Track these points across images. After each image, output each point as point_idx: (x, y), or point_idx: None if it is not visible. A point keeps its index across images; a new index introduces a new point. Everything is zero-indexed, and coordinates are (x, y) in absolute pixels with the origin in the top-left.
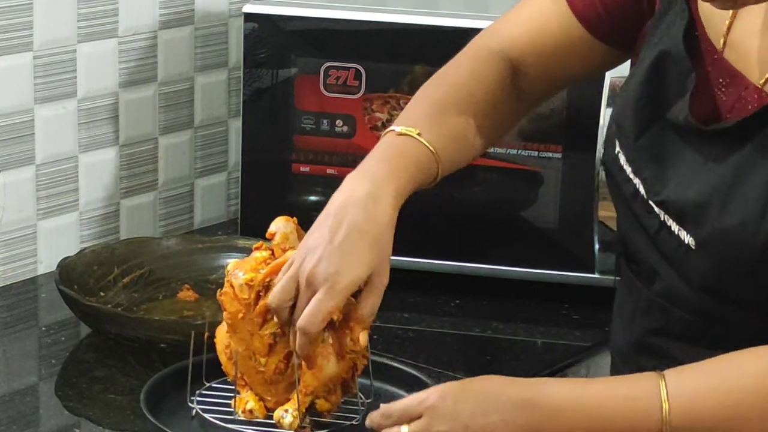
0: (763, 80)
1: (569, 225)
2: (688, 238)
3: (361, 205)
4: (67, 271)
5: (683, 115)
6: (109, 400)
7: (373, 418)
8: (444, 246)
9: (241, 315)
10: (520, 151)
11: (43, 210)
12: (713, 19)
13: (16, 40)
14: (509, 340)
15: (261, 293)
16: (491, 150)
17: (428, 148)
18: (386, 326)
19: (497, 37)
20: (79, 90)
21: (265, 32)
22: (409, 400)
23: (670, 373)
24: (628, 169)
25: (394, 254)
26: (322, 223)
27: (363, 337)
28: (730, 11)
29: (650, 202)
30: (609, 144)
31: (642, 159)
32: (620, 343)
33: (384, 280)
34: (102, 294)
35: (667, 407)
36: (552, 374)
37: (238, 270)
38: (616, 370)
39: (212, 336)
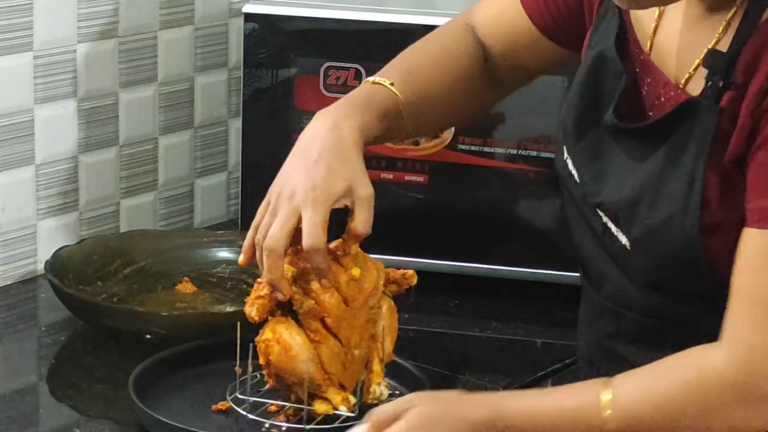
0: (682, 79)
1: (568, 225)
2: (623, 239)
3: (328, 133)
4: (62, 259)
5: (609, 117)
6: (109, 399)
7: None
8: (444, 246)
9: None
10: (520, 151)
11: (43, 210)
12: (642, 21)
13: (16, 40)
14: (509, 340)
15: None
16: (491, 150)
17: (397, 96)
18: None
19: (473, 16)
20: (79, 90)
21: (265, 32)
22: (392, 408)
23: (615, 380)
24: (575, 173)
25: (394, 254)
26: (293, 157)
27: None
28: (656, 13)
29: (592, 204)
30: (558, 150)
31: (582, 161)
32: (583, 349)
33: (366, 191)
34: (99, 284)
35: (609, 413)
36: (551, 374)
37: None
38: (582, 375)
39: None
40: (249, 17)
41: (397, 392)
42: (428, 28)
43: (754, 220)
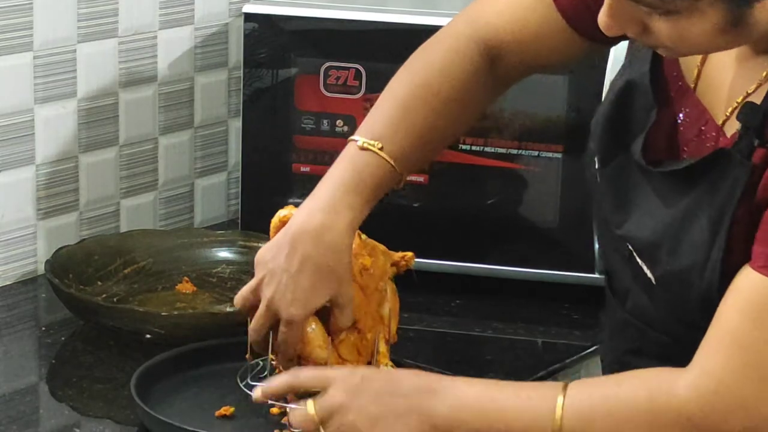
0: (722, 119)
1: (569, 225)
2: (648, 272)
3: (316, 236)
4: (62, 259)
5: (636, 154)
6: (109, 399)
7: (281, 380)
8: (444, 246)
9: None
10: (520, 151)
11: (43, 210)
12: None
13: (16, 40)
14: (509, 340)
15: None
16: (491, 150)
17: (389, 162)
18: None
19: (476, 23)
20: (79, 90)
21: (265, 32)
22: (320, 370)
23: (573, 384)
24: (603, 192)
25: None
26: (280, 247)
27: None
28: None
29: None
30: (590, 161)
31: (607, 188)
32: (606, 360)
33: (347, 296)
34: (99, 283)
35: (560, 413)
36: (551, 374)
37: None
38: None
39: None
40: (249, 17)
41: None
42: (428, 28)
43: (758, 264)
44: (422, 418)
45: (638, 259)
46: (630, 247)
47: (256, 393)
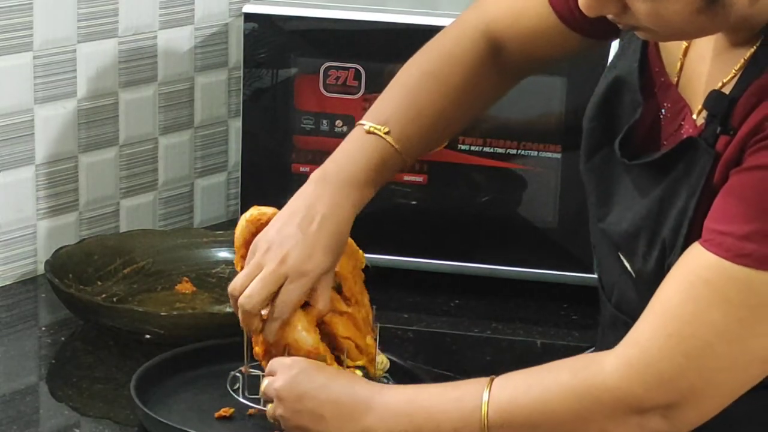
0: (696, 111)
1: (569, 225)
2: (628, 266)
3: (328, 209)
4: (62, 259)
5: (615, 147)
6: (109, 399)
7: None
8: (443, 246)
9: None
10: (520, 151)
11: (43, 210)
12: (671, 43)
13: (16, 40)
14: (509, 341)
15: None
16: (490, 150)
17: (394, 147)
18: (386, 326)
19: (483, 13)
20: (79, 90)
21: (265, 32)
22: (281, 359)
23: (499, 378)
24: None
25: (394, 254)
26: (289, 217)
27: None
28: None
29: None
30: (582, 154)
31: (590, 182)
32: None
33: (331, 279)
34: (99, 283)
35: (486, 409)
36: None
37: None
38: None
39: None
40: (249, 17)
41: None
42: (428, 28)
43: (704, 238)
44: (351, 428)
45: (619, 254)
46: (612, 241)
47: None
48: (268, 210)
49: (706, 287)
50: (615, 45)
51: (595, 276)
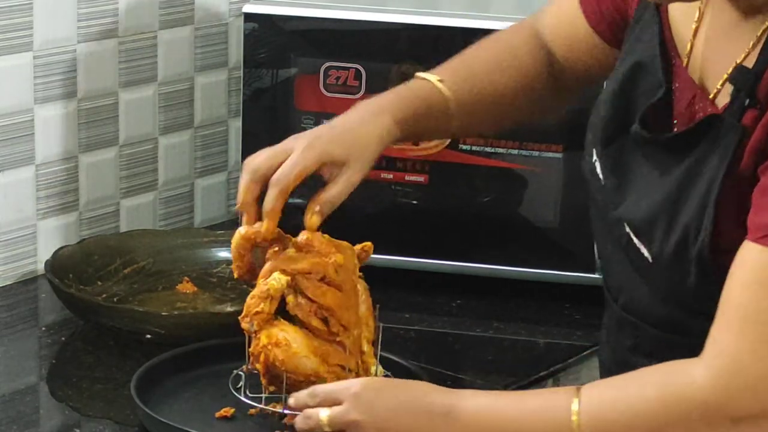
0: (714, 91)
1: (569, 225)
2: (646, 252)
3: (361, 114)
4: (62, 259)
5: (634, 126)
6: (109, 399)
7: (299, 397)
8: (444, 246)
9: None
10: (520, 151)
11: (43, 210)
12: (680, 24)
13: (16, 40)
14: (510, 340)
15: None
16: (491, 149)
17: (442, 93)
18: (387, 326)
19: (540, 18)
20: (79, 90)
21: (265, 32)
22: (336, 385)
23: (586, 388)
24: (602, 178)
25: (394, 254)
26: (306, 134)
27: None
28: (695, 15)
29: (615, 215)
30: (587, 152)
31: (608, 168)
32: (603, 358)
33: (354, 178)
34: (99, 283)
35: (577, 419)
36: (553, 374)
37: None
38: None
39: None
40: (249, 17)
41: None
42: (428, 28)
43: (755, 235)
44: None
45: (635, 240)
46: (627, 229)
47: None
48: (262, 228)
49: None
50: None
51: (597, 276)
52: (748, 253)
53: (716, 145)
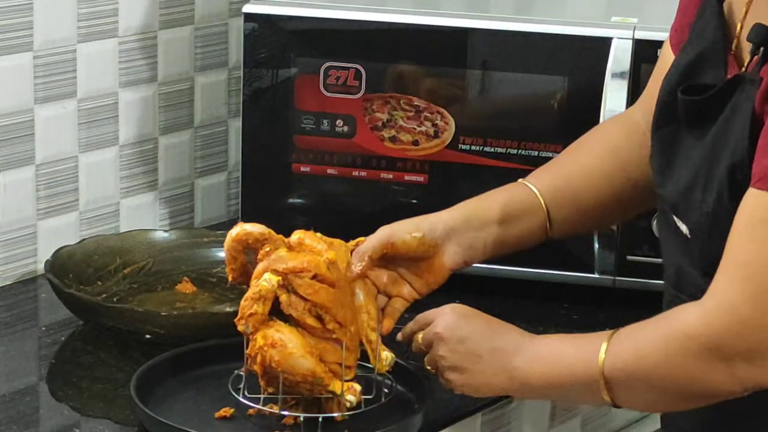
0: (748, 60)
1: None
2: (684, 227)
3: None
4: (62, 259)
5: (679, 93)
6: (109, 399)
7: (406, 327)
8: None
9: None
10: (520, 151)
11: (43, 210)
12: (734, 10)
13: (16, 40)
14: None
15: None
16: (491, 149)
17: (538, 197)
18: None
19: (638, 105)
20: (79, 90)
21: (265, 32)
22: (430, 312)
23: (617, 331)
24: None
25: None
26: None
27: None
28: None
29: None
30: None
31: (656, 150)
32: None
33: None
34: (99, 283)
35: (603, 357)
36: None
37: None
38: None
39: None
40: (249, 17)
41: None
42: (428, 28)
43: (756, 180)
44: (503, 367)
45: (675, 219)
46: (666, 209)
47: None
48: (254, 230)
49: (763, 226)
50: (616, 45)
51: (596, 276)
52: (747, 198)
53: (739, 102)
